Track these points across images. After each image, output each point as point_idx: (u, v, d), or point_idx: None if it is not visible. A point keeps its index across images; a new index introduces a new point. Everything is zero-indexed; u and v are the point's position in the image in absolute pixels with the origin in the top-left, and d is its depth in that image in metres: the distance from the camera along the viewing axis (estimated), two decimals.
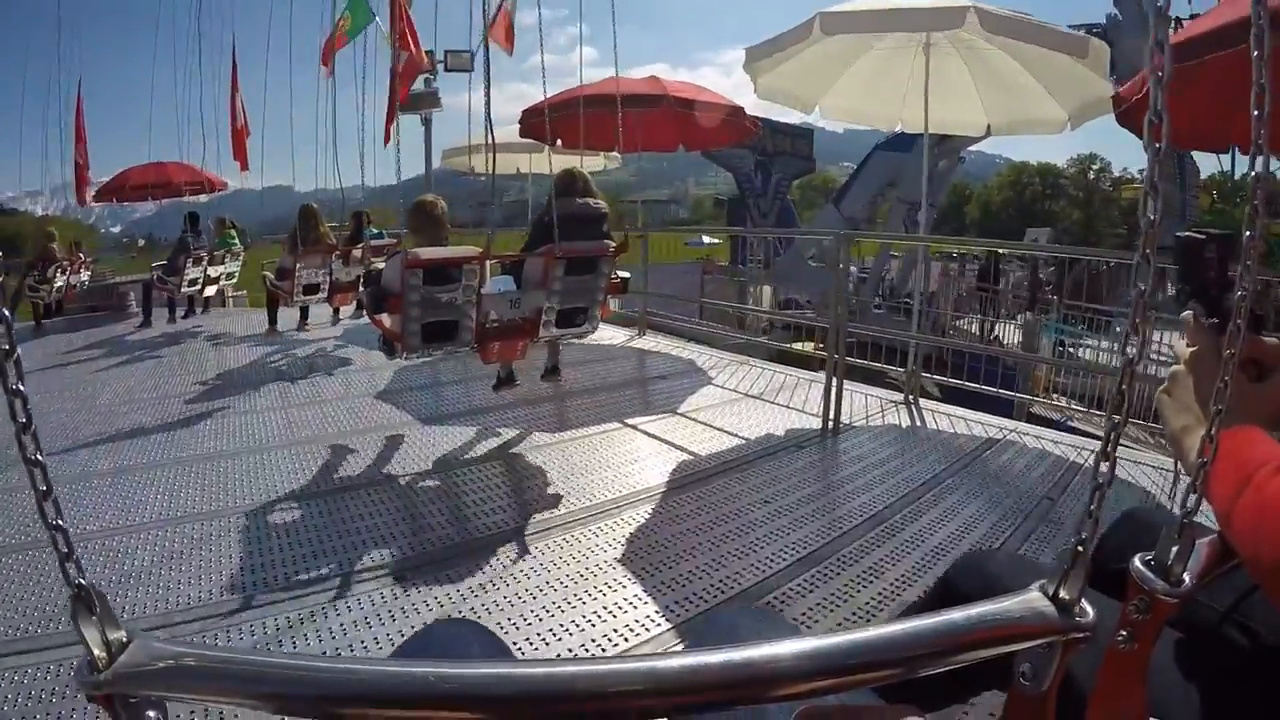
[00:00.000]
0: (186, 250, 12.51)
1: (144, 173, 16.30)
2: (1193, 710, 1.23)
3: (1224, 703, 1.24)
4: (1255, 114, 0.81)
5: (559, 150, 12.32)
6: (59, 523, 0.71)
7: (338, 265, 9.99)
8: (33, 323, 13.02)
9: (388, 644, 3.15)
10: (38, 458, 0.71)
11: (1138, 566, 0.85)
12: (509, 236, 6.98)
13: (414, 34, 9.62)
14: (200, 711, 2.57)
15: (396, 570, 3.75)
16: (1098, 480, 0.82)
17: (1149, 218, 0.76)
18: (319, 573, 3.74)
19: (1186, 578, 0.84)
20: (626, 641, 3.17)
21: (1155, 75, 0.74)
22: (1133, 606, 0.85)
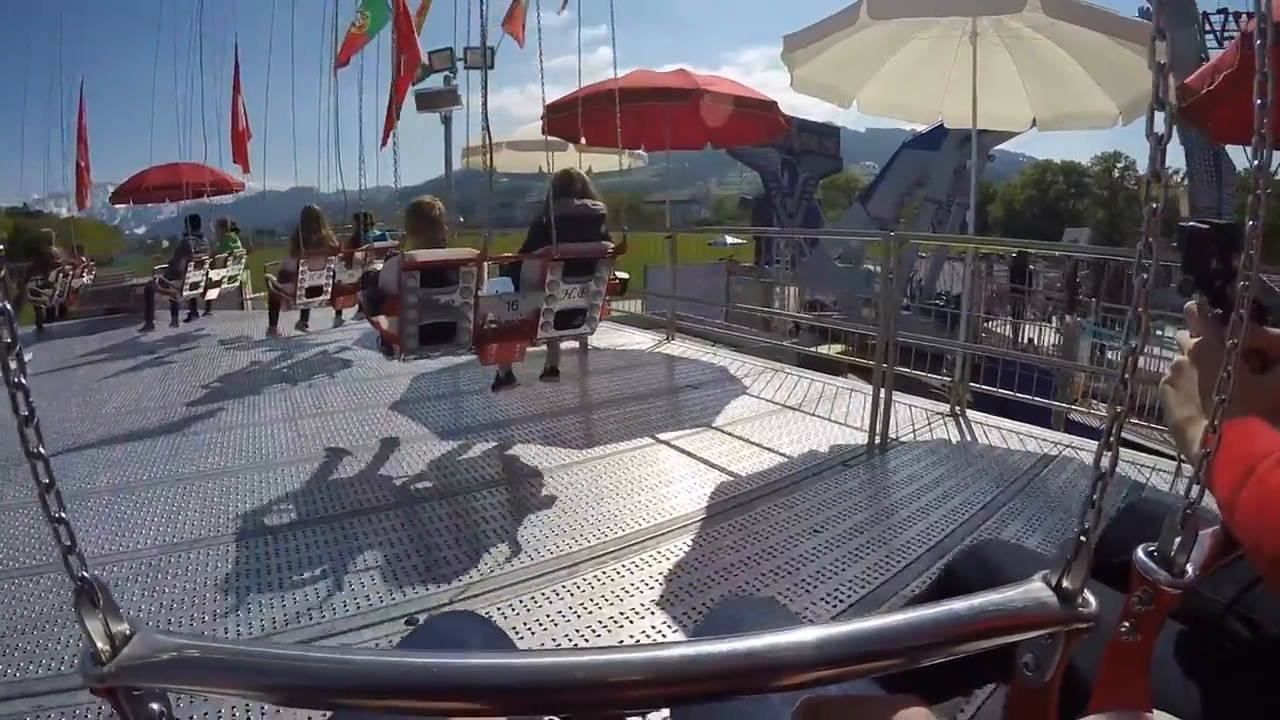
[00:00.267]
0: (188, 253, 12.53)
1: (162, 174, 16.25)
2: (1195, 702, 1.23)
3: (1226, 694, 1.24)
4: (1258, 103, 0.82)
5: (584, 148, 12.09)
6: (61, 515, 0.71)
7: (340, 267, 9.99)
8: (34, 326, 13.02)
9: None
10: (40, 451, 0.71)
11: (1141, 557, 0.86)
12: (517, 238, 6.78)
13: (412, 34, 9.62)
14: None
15: (408, 616, 3.44)
16: (1100, 470, 0.83)
17: (1151, 206, 0.77)
18: (333, 599, 3.57)
19: (1190, 569, 0.85)
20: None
21: (1157, 63, 0.75)
22: (1136, 598, 0.85)
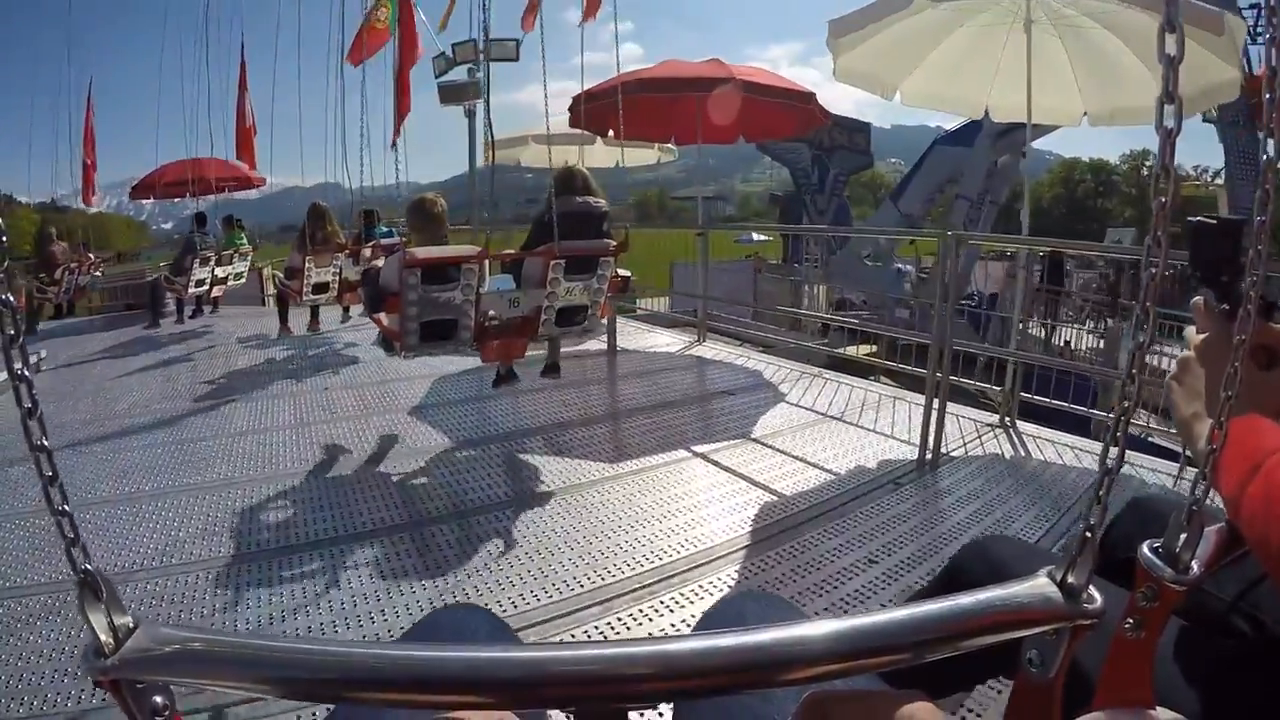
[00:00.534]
0: (193, 250, 12.56)
1: (182, 169, 16.16)
2: (1198, 699, 1.23)
3: (1229, 692, 1.24)
4: (1267, 97, 0.82)
5: (611, 142, 12.15)
6: (64, 508, 0.71)
7: (347, 264, 9.97)
8: (43, 324, 13.08)
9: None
10: (43, 443, 0.71)
11: (1146, 554, 0.85)
12: (520, 236, 6.65)
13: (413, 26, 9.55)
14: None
15: None
16: (1106, 465, 0.82)
17: (1160, 200, 0.76)
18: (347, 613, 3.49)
19: (1195, 565, 0.84)
20: None
21: (1166, 56, 0.74)
22: (1140, 594, 0.84)
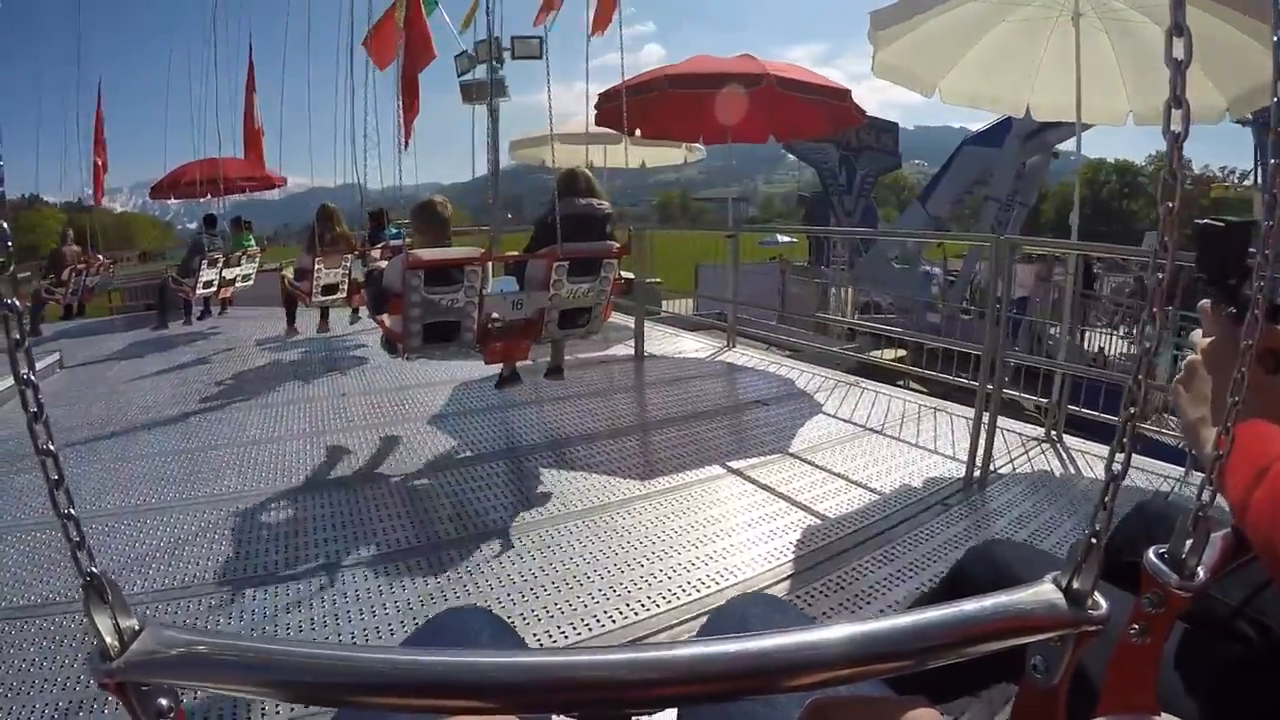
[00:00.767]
0: (201, 252, 12.53)
1: (199, 169, 15.85)
2: (1202, 704, 1.23)
3: (1234, 697, 1.24)
4: (1275, 101, 0.82)
5: (638, 141, 11.83)
6: (70, 511, 0.72)
7: (356, 265, 9.91)
8: (54, 325, 13.12)
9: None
10: (49, 447, 0.72)
11: (1152, 560, 0.85)
12: (522, 238, 6.53)
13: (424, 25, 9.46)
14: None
15: None
16: (1112, 472, 0.82)
17: (1167, 205, 0.76)
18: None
19: (1201, 571, 0.84)
20: None
21: (1174, 60, 0.74)
22: (1146, 600, 0.84)
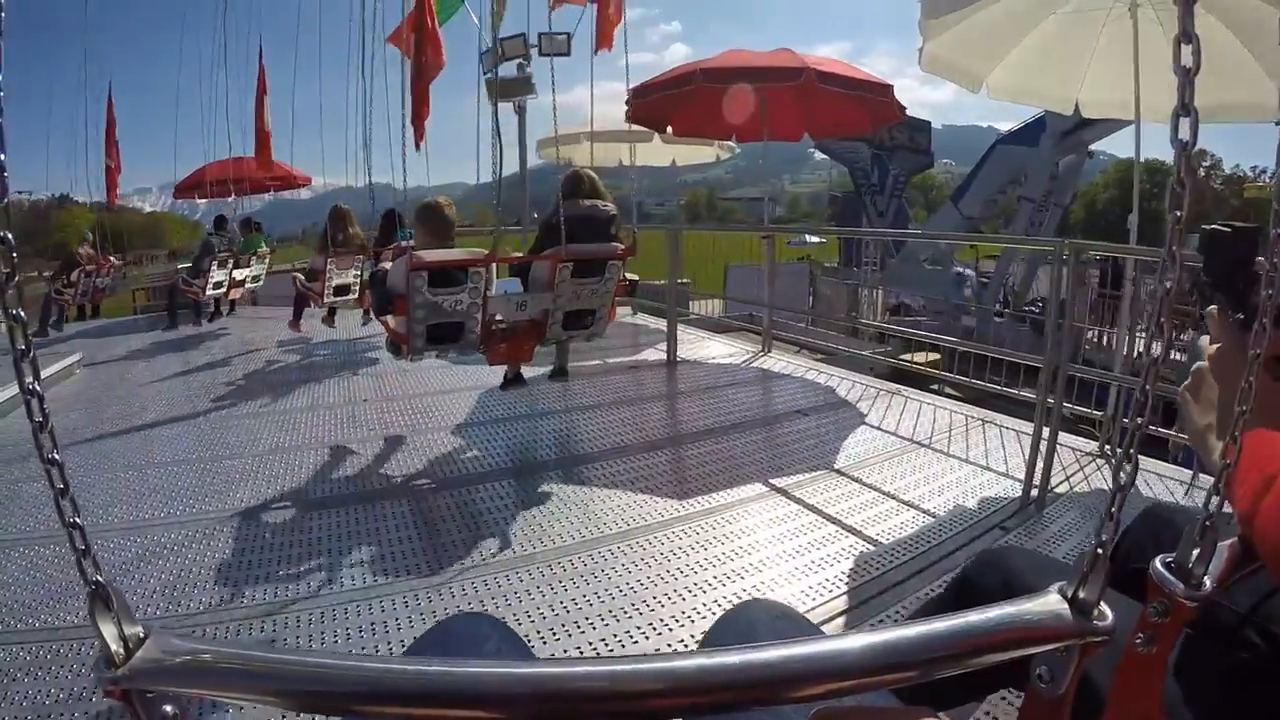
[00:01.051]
0: (211, 252, 12.53)
1: (223, 168, 16.00)
2: (1206, 712, 1.23)
3: (1239, 705, 1.23)
4: None
5: (669, 139, 11.74)
6: (76, 520, 0.73)
7: (368, 267, 9.81)
8: (49, 325, 13.04)
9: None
10: (54, 456, 0.72)
11: (1158, 569, 0.85)
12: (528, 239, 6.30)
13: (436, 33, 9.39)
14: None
15: None
16: (1119, 482, 0.82)
17: (1175, 214, 0.79)
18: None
19: (1207, 581, 0.84)
20: None
21: (1182, 68, 0.75)
22: (1152, 609, 0.84)
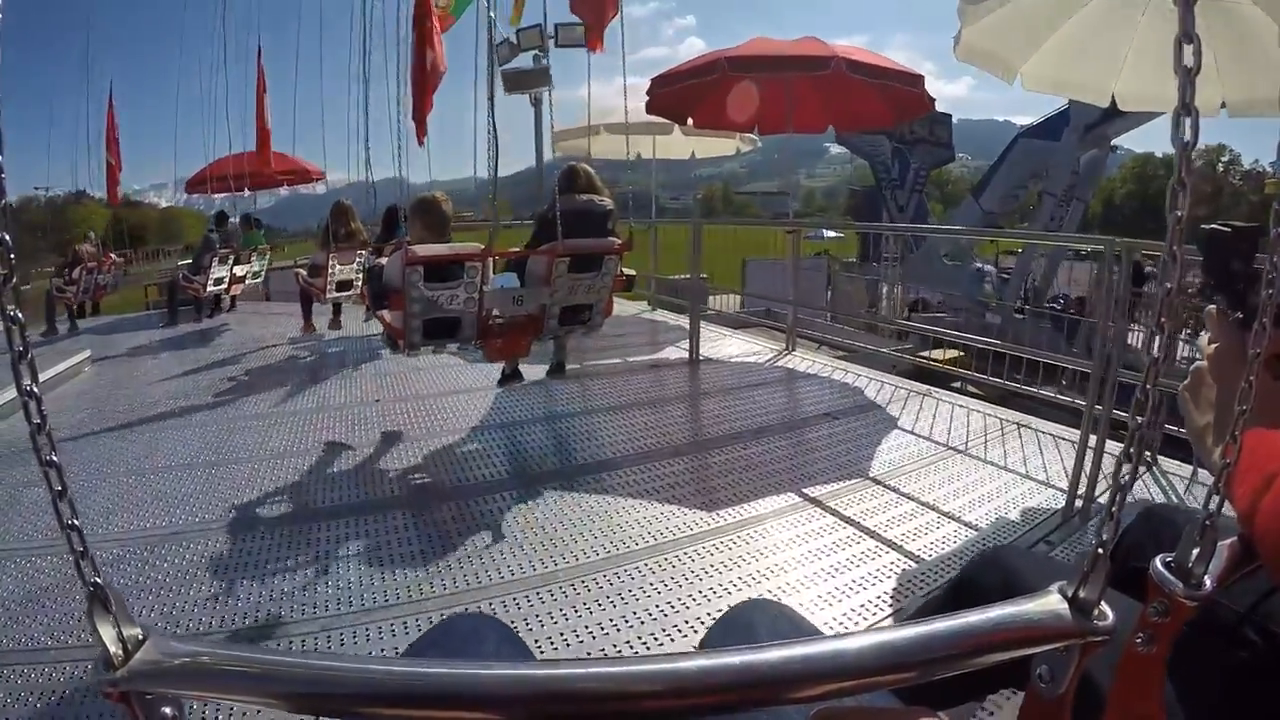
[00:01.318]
0: (212, 249, 12.57)
1: (237, 163, 15.72)
2: (1206, 711, 1.23)
3: (1238, 704, 1.24)
4: None
5: (690, 131, 11.63)
6: (74, 522, 0.72)
7: (369, 262, 9.81)
8: (52, 325, 13.09)
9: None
10: (52, 459, 0.72)
11: (1158, 568, 0.85)
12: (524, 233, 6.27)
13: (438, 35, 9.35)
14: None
15: None
16: (1120, 481, 0.82)
17: (1176, 214, 0.75)
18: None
19: (1207, 580, 0.84)
20: None
21: (1183, 68, 0.74)
22: (1152, 609, 0.84)
